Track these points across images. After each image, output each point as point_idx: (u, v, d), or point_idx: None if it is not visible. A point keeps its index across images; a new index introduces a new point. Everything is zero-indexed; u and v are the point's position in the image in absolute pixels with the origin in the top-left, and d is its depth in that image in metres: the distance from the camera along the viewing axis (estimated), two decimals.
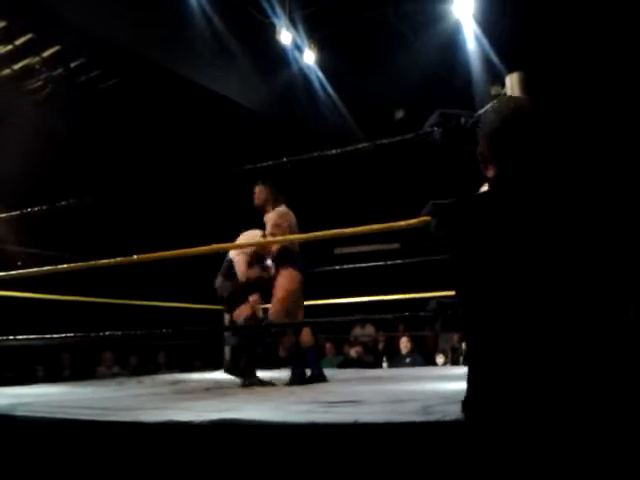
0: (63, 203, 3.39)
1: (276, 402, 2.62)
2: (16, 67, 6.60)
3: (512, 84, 1.89)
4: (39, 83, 6.84)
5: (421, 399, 2.37)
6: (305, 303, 5.09)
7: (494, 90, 7.26)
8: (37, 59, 6.53)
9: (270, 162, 2.63)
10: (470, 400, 1.22)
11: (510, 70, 2.06)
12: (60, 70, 6.71)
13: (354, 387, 3.38)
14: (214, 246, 2.62)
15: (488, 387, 1.16)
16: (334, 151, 2.56)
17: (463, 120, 2.19)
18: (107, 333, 3.15)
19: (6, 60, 6.50)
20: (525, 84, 1.85)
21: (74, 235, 6.91)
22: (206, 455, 2.05)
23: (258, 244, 3.96)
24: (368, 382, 3.75)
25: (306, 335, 3.99)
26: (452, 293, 1.35)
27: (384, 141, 2.40)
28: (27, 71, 6.68)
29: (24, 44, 6.31)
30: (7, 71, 6.61)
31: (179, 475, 2.06)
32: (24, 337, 3.44)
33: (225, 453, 2.03)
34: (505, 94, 2.00)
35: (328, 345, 7.65)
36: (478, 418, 1.18)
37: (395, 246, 8.46)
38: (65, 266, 3.36)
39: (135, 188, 4.97)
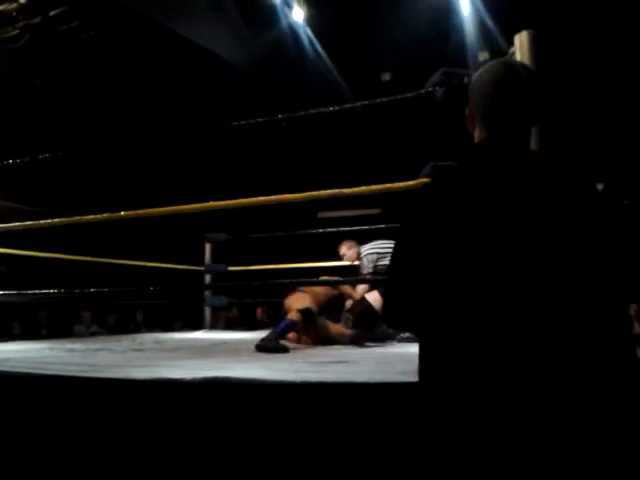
0: (45, 156, 3.29)
1: (265, 362, 2.61)
2: None
3: (521, 42, 1.84)
4: (16, 31, 6.58)
5: (411, 360, 2.37)
6: (288, 265, 5.17)
7: (482, 56, 7.23)
8: (14, 5, 6.27)
9: (265, 118, 2.56)
10: (425, 369, 1.20)
11: (506, 32, 2.01)
12: (38, 19, 6.45)
13: (341, 350, 3.38)
14: (211, 203, 2.56)
15: (444, 358, 1.12)
16: (331, 108, 2.50)
17: (467, 79, 2.14)
18: (89, 290, 3.10)
19: None
20: (536, 43, 1.80)
21: (51, 190, 6.77)
22: (197, 413, 2.03)
23: None
24: (353, 345, 3.75)
25: None
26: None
27: (384, 100, 2.34)
28: (3, 18, 6.41)
29: None
30: None
31: (169, 433, 2.04)
32: (1, 293, 3.38)
33: (217, 411, 2.01)
34: (511, 55, 1.96)
35: None
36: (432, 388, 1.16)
37: (376, 211, 8.46)
38: (49, 221, 3.29)
39: (115, 142, 4.85)
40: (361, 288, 4.11)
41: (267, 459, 1.89)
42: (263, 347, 3.24)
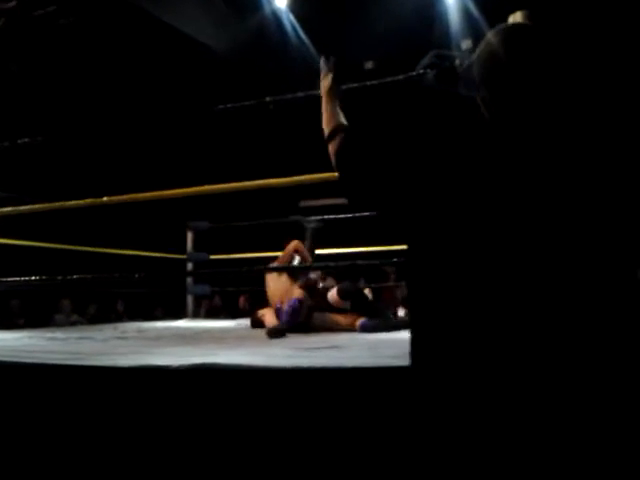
0: (25, 141, 3.21)
1: (255, 348, 2.58)
2: None
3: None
4: None
5: (401, 346, 2.36)
6: (270, 254, 5.11)
7: (466, 44, 7.21)
8: None
9: (252, 101, 2.51)
10: (418, 348, 1.18)
11: (490, 19, 1.99)
12: (14, 2, 6.27)
13: (329, 335, 3.36)
14: (196, 188, 2.50)
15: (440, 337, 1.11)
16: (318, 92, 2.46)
17: (459, 62, 2.11)
18: (71, 277, 3.04)
19: None
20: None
21: (30, 176, 6.67)
22: (186, 400, 2.00)
23: None
24: (339, 331, 3.72)
25: None
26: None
27: (374, 82, 2.31)
28: None
29: None
30: None
31: (157, 421, 2.00)
32: None
33: (206, 398, 1.98)
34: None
35: None
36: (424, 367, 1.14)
37: None
38: (28, 207, 3.21)
39: (96, 129, 4.77)
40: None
41: (258, 445, 1.86)
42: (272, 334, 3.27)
